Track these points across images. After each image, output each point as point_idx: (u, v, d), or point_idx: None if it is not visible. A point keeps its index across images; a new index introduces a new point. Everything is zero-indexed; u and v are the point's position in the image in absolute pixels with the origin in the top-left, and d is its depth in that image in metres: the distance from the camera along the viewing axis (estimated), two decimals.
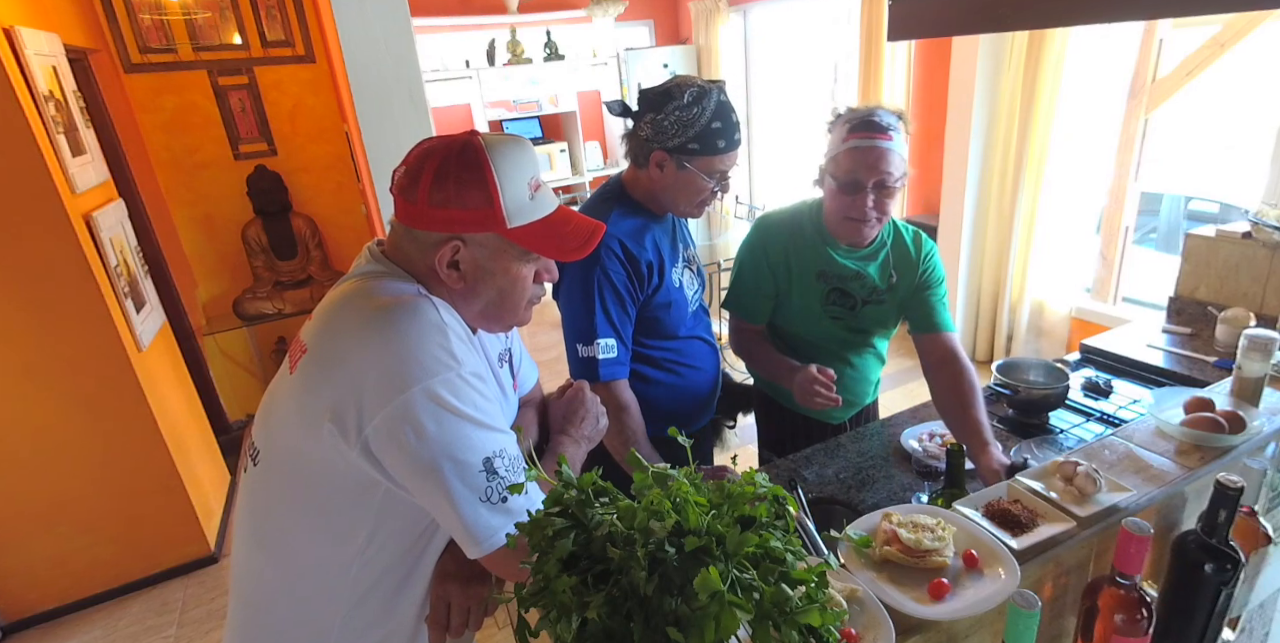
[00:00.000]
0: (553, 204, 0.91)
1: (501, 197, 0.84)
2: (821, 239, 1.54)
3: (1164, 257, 4.28)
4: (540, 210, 0.88)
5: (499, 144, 0.86)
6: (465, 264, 0.87)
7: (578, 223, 0.92)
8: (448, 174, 0.83)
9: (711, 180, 1.35)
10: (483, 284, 0.89)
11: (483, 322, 0.94)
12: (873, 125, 1.39)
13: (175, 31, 3.40)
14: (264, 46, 3.55)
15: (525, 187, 0.86)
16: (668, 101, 1.31)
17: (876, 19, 3.74)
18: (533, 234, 0.87)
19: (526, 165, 0.87)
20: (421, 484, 0.81)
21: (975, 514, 0.99)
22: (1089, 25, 2.68)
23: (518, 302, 0.93)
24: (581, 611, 0.61)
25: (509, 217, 0.85)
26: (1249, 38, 2.62)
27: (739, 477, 0.72)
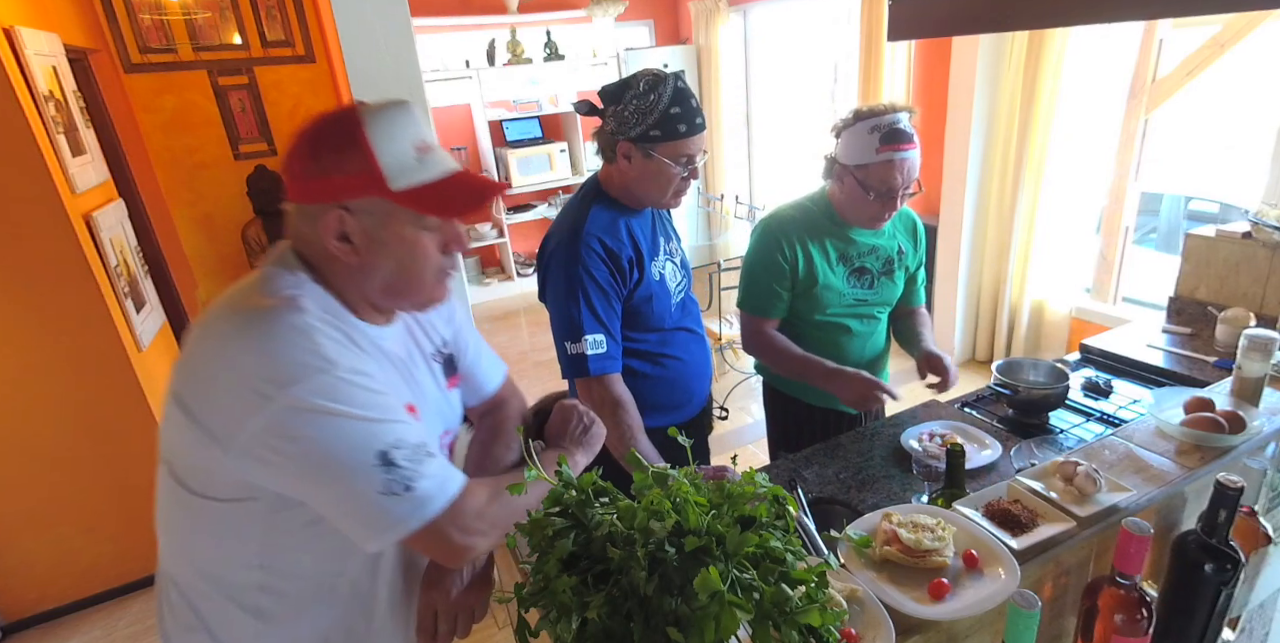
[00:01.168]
0: (446, 168, 0.86)
1: (379, 157, 0.80)
2: (836, 224, 1.62)
3: (1164, 257, 4.28)
4: (429, 172, 0.84)
5: (376, 108, 0.83)
6: (356, 235, 0.83)
7: (474, 184, 0.88)
8: (322, 142, 0.81)
9: (679, 166, 1.37)
10: (378, 256, 0.85)
11: (389, 299, 0.89)
12: (903, 135, 1.47)
13: (175, 31, 3.40)
14: (264, 46, 3.55)
15: (408, 147, 0.83)
16: (625, 92, 1.35)
17: (876, 19, 3.74)
18: (420, 196, 0.83)
19: (408, 126, 0.84)
20: (312, 490, 0.80)
21: (975, 514, 0.99)
22: (1089, 25, 2.68)
23: (420, 274, 0.88)
24: (581, 611, 0.61)
25: (391, 178, 0.81)
26: (1249, 38, 2.62)
27: (739, 477, 0.72)
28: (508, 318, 5.17)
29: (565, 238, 1.40)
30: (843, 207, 1.60)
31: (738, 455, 0.95)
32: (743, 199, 5.32)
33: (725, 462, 1.06)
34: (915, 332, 1.77)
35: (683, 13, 5.52)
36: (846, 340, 1.69)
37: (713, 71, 5.21)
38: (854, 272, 1.65)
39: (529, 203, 5.60)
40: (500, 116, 5.18)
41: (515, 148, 5.23)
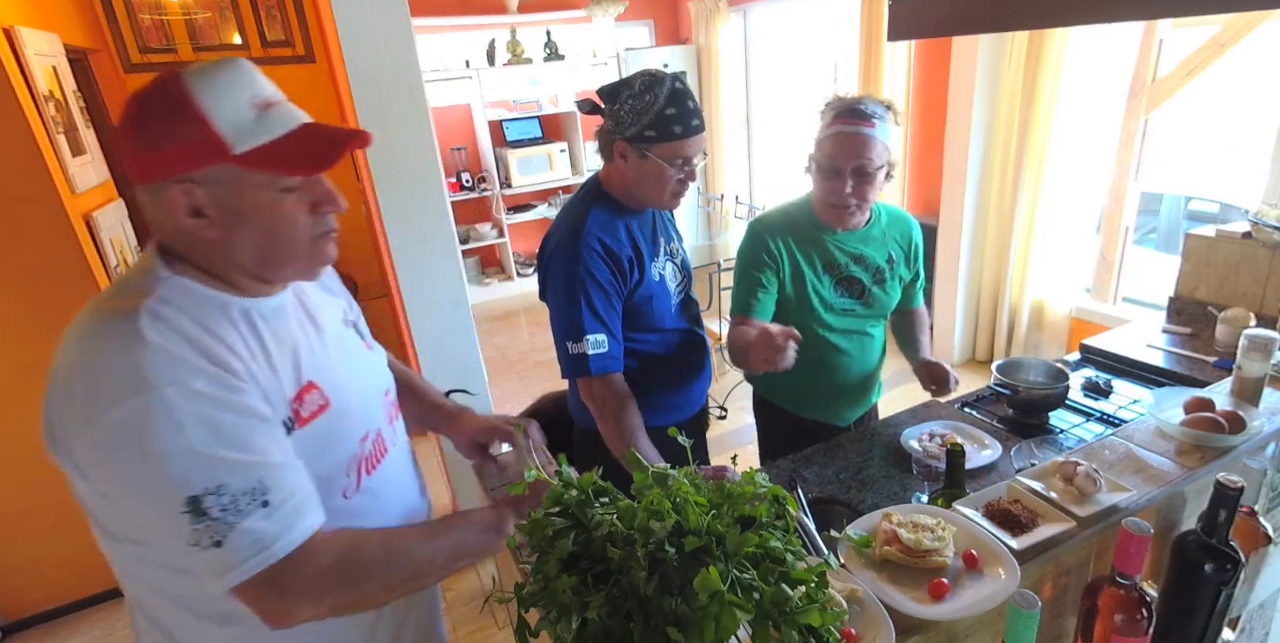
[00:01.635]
0: (292, 121, 0.79)
1: (215, 120, 0.73)
2: (818, 228, 1.56)
3: (1164, 257, 4.28)
4: (275, 129, 0.77)
5: (201, 69, 0.76)
6: (210, 208, 0.76)
7: (326, 134, 0.81)
8: (149, 113, 0.74)
9: (674, 168, 1.35)
10: (240, 227, 0.78)
11: (268, 269, 0.82)
12: (857, 112, 1.41)
13: (175, 31, 3.40)
14: (264, 46, 3.55)
15: (246, 105, 0.76)
16: (622, 91, 1.34)
17: (876, 19, 3.74)
18: (268, 155, 0.76)
19: (242, 83, 0.78)
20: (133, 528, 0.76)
21: (975, 514, 0.99)
22: (1089, 25, 2.68)
23: (294, 238, 0.81)
24: (581, 611, 0.61)
25: (232, 141, 0.74)
26: (1249, 38, 2.62)
27: (739, 477, 0.72)
28: (508, 318, 5.17)
29: (565, 238, 1.39)
30: (815, 201, 1.56)
31: (738, 455, 0.95)
32: (743, 199, 5.32)
33: (725, 462, 1.06)
34: (912, 336, 1.75)
35: (683, 13, 5.52)
36: (836, 358, 1.62)
37: (713, 71, 5.21)
38: (841, 281, 1.58)
39: (529, 203, 5.60)
40: (500, 116, 5.18)
41: (515, 148, 5.23)
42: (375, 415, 0.96)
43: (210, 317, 0.77)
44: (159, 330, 0.72)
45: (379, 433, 0.95)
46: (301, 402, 0.83)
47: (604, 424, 1.41)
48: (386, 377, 1.05)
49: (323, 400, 0.85)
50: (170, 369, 0.70)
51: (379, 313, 3.74)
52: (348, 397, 0.90)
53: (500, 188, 5.27)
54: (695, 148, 1.36)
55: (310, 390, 0.84)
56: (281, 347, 0.83)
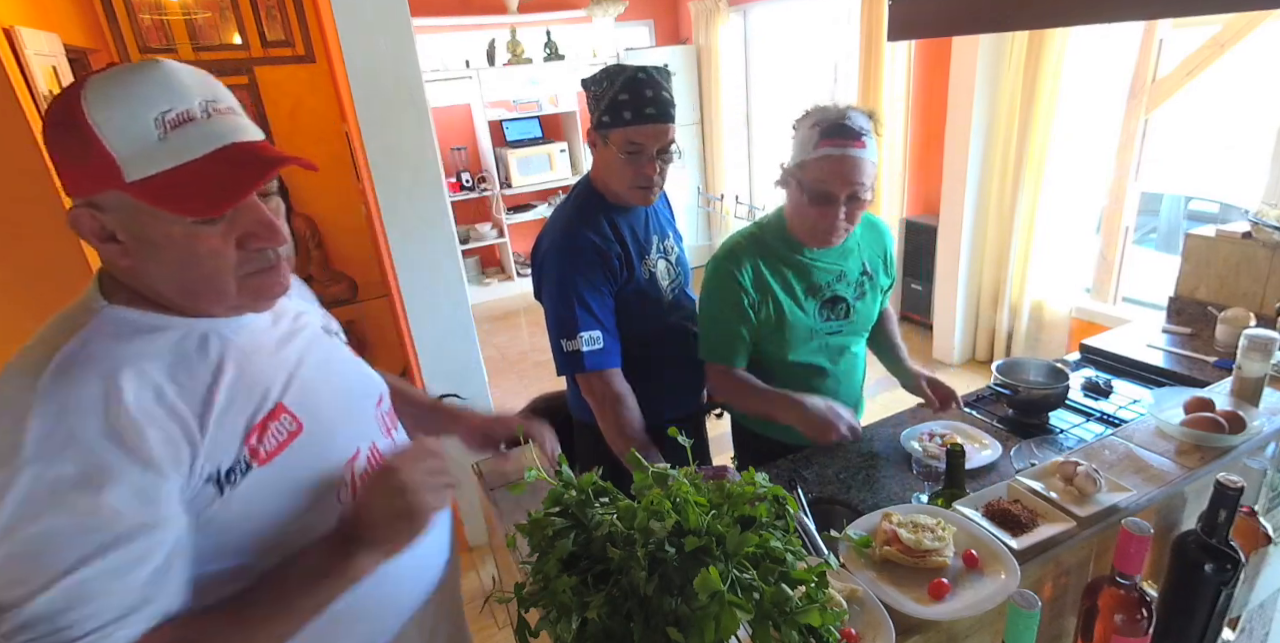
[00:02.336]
0: (210, 142, 0.67)
1: (107, 139, 0.63)
2: (792, 250, 1.44)
3: (1164, 257, 4.27)
4: (181, 153, 0.65)
5: (108, 76, 0.65)
6: (120, 233, 0.67)
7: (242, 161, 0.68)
8: (49, 123, 0.66)
9: (627, 155, 1.35)
10: (151, 259, 0.68)
11: (198, 305, 0.73)
12: (846, 131, 1.28)
13: (175, 31, 3.39)
14: (264, 46, 3.55)
15: (148, 123, 0.64)
16: (591, 84, 1.39)
17: (876, 19, 3.74)
18: (161, 188, 0.64)
19: (149, 94, 0.65)
20: None
21: (975, 514, 0.99)
22: (1089, 25, 2.68)
23: (214, 277, 0.70)
24: (581, 611, 0.61)
25: (125, 166, 0.63)
26: (1249, 38, 2.62)
27: (739, 477, 0.72)
28: (508, 318, 5.17)
29: (556, 237, 1.41)
30: (793, 222, 1.42)
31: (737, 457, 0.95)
32: (743, 199, 5.32)
33: (725, 462, 1.06)
34: (886, 337, 1.66)
35: (683, 13, 5.51)
36: (820, 382, 1.52)
37: (713, 71, 5.21)
38: (826, 303, 1.47)
39: (529, 203, 5.60)
40: (500, 116, 5.18)
41: (515, 148, 5.23)
42: (367, 429, 0.89)
43: (142, 356, 0.68)
44: (58, 393, 0.62)
45: (373, 447, 0.88)
46: (262, 435, 0.74)
47: (603, 420, 1.41)
48: (377, 385, 0.97)
49: (293, 425, 0.77)
50: (55, 445, 0.60)
51: (379, 313, 3.74)
52: (329, 414, 0.83)
53: (500, 188, 5.27)
54: (649, 137, 1.34)
55: (276, 417, 0.76)
56: (242, 372, 0.75)
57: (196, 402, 0.70)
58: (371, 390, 0.95)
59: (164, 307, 0.72)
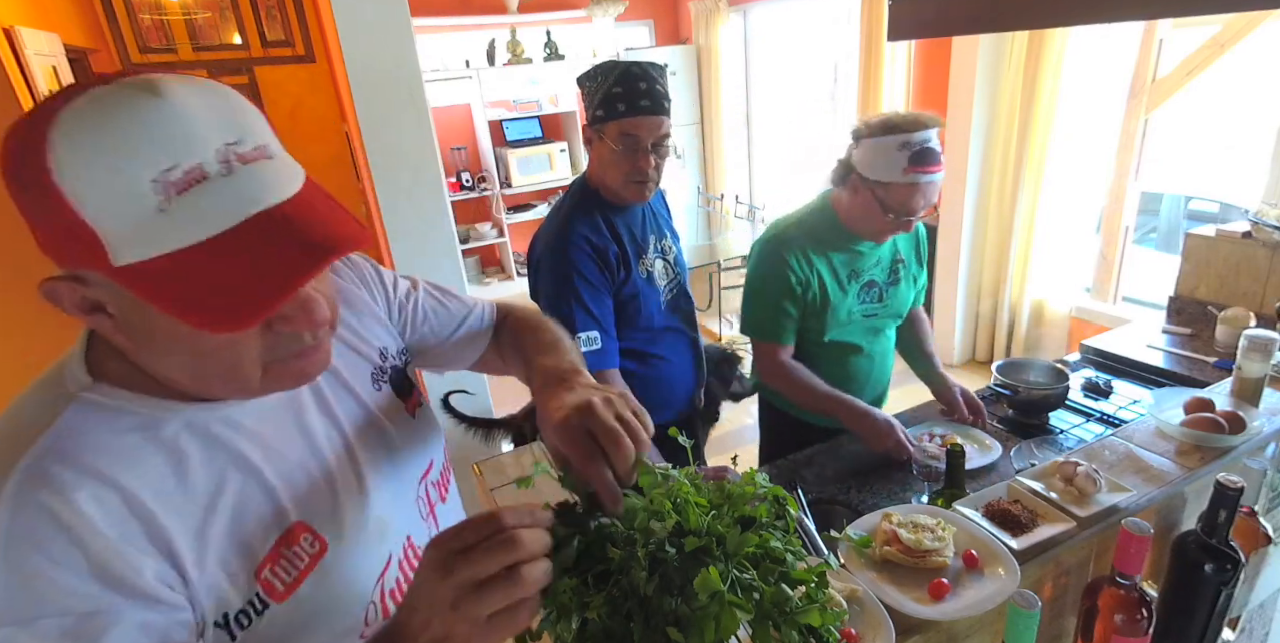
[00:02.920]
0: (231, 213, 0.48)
1: (82, 210, 0.45)
2: (841, 236, 1.52)
3: (1164, 257, 4.27)
4: (189, 229, 0.47)
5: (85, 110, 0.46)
6: (113, 307, 0.52)
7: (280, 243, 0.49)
8: (8, 172, 0.48)
9: (622, 148, 1.35)
10: (152, 343, 0.53)
11: (211, 392, 0.58)
12: (933, 156, 1.39)
13: (175, 31, 3.39)
14: (264, 46, 3.55)
15: (142, 188, 0.46)
16: (585, 79, 1.39)
17: (876, 19, 3.74)
18: (168, 278, 0.47)
19: (141, 146, 0.46)
20: None
21: (975, 514, 0.99)
22: (1089, 25, 2.68)
23: (235, 365, 0.54)
24: (581, 611, 0.61)
25: (114, 246, 0.46)
26: (1249, 38, 2.62)
27: (739, 477, 0.72)
28: None
29: (552, 237, 1.41)
30: (850, 217, 1.50)
31: (738, 455, 0.95)
32: (743, 199, 5.32)
33: (725, 462, 1.06)
34: (919, 341, 1.71)
35: (683, 13, 5.51)
36: (857, 360, 1.61)
37: (713, 71, 5.21)
38: (864, 287, 1.56)
39: (529, 203, 5.60)
40: (500, 116, 5.18)
41: (515, 148, 5.23)
42: (404, 521, 0.73)
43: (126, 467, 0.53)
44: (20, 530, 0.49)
45: (407, 543, 0.72)
46: (276, 565, 0.60)
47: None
48: (432, 445, 0.80)
49: (315, 547, 0.62)
50: (22, 604, 0.48)
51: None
52: (363, 518, 0.67)
53: (500, 188, 5.27)
54: (644, 129, 1.35)
55: (295, 540, 0.61)
56: (247, 483, 0.59)
57: (189, 532, 0.55)
58: (418, 462, 0.76)
59: (166, 384, 0.57)
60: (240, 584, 0.57)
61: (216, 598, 0.56)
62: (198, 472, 0.57)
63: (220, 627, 0.57)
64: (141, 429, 0.55)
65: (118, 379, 0.56)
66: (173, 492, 0.55)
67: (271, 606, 0.59)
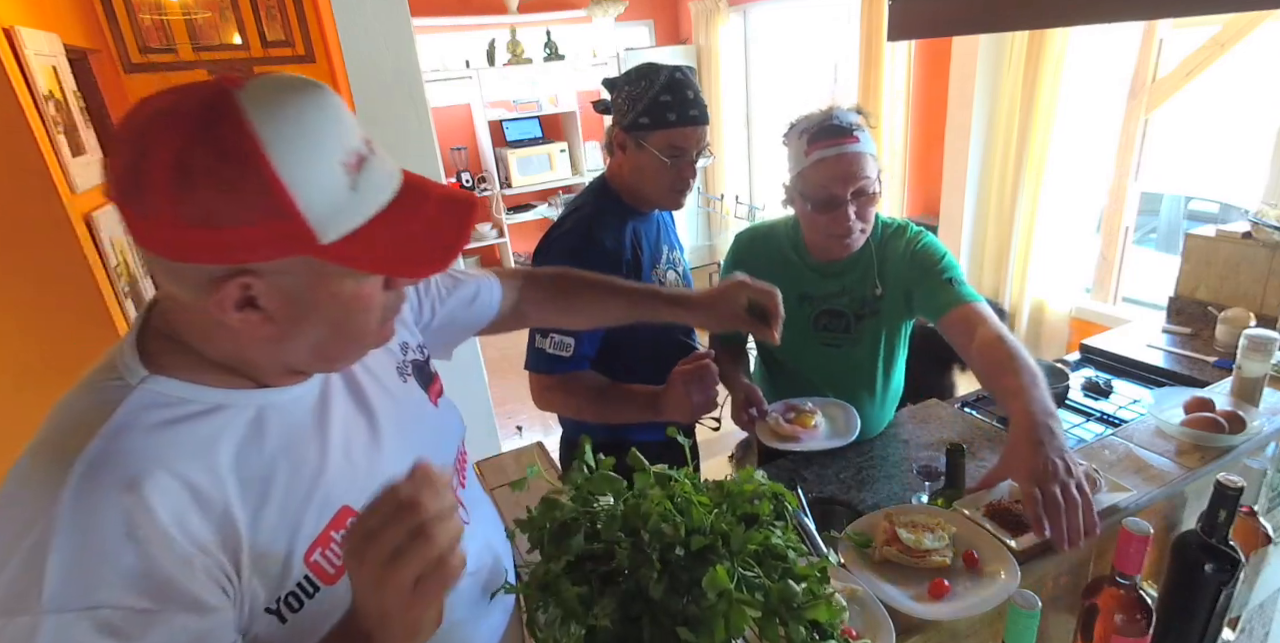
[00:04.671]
0: (389, 185, 0.57)
1: (299, 200, 0.51)
2: (800, 259, 1.44)
3: (1164, 257, 4.27)
4: (372, 202, 0.55)
5: (276, 102, 0.51)
6: (268, 300, 0.55)
7: (438, 207, 0.59)
8: (195, 168, 0.49)
9: (669, 159, 1.31)
10: (304, 322, 0.58)
11: (318, 364, 0.64)
12: (834, 130, 1.26)
13: (175, 31, 3.39)
14: (264, 46, 3.55)
15: (338, 171, 0.53)
16: (624, 83, 1.33)
17: (876, 19, 3.74)
18: (367, 244, 0.54)
19: (333, 131, 0.53)
20: None
21: (975, 514, 0.99)
22: (1089, 25, 2.68)
23: (363, 328, 0.62)
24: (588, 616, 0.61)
25: (319, 228, 0.52)
26: (1249, 38, 2.62)
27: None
28: None
29: (570, 235, 1.37)
30: (806, 234, 1.40)
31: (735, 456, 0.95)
32: (743, 199, 5.32)
33: (722, 464, 1.06)
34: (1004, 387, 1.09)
35: (683, 13, 5.51)
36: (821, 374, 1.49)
37: (713, 71, 5.21)
38: (821, 314, 1.44)
39: (529, 203, 5.60)
40: (500, 116, 5.18)
41: (515, 148, 5.23)
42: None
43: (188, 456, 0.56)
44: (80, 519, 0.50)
45: None
46: (329, 548, 0.62)
47: (586, 415, 1.41)
48: (456, 433, 0.85)
49: None
50: (80, 589, 0.50)
51: None
52: None
53: (500, 188, 5.27)
54: (692, 139, 1.32)
55: (342, 523, 0.64)
56: (300, 467, 0.63)
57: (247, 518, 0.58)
58: (446, 450, 0.81)
59: (227, 369, 0.61)
60: (292, 567, 0.59)
61: (268, 583, 0.58)
62: (252, 458, 0.59)
63: (271, 612, 0.59)
64: (199, 419, 0.58)
65: (173, 371, 0.59)
66: (231, 479, 0.57)
67: (322, 589, 0.61)
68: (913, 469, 1.42)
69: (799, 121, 1.33)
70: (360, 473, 0.67)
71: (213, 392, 0.60)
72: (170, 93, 0.53)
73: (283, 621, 0.60)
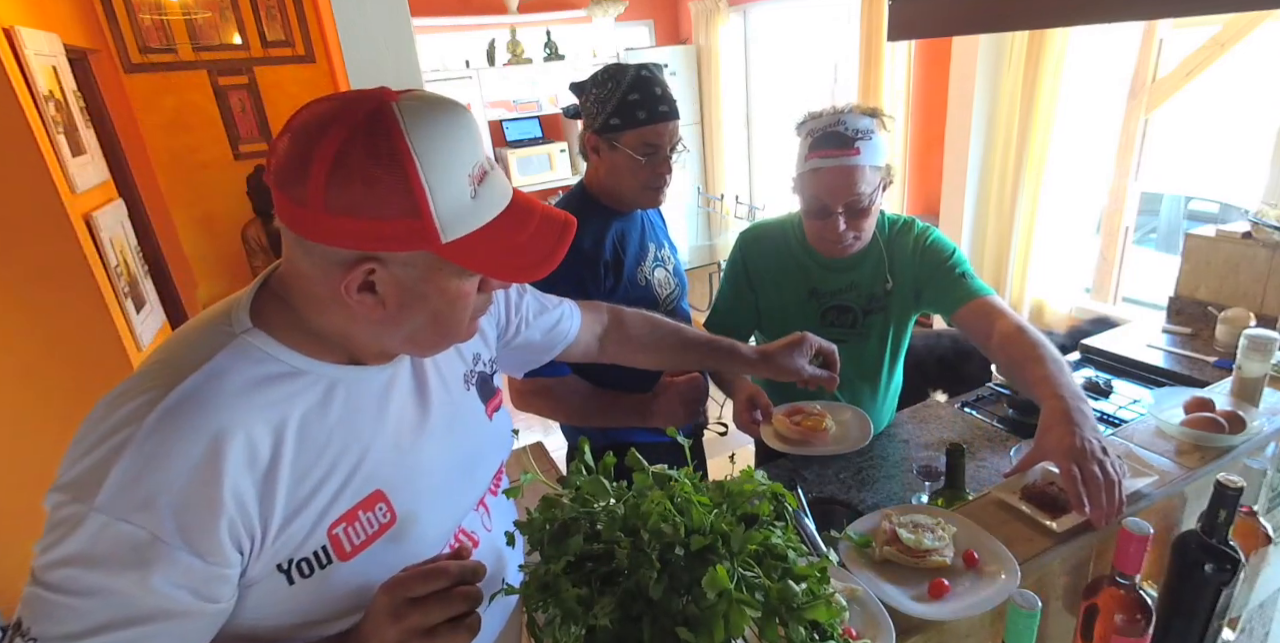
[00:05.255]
0: (503, 199, 0.66)
1: (433, 202, 0.59)
2: (808, 254, 1.44)
3: (1164, 257, 4.27)
4: (487, 211, 0.64)
5: (427, 117, 0.60)
6: (385, 286, 0.63)
7: (540, 223, 0.68)
8: (351, 166, 0.57)
9: (644, 157, 1.31)
10: (409, 309, 0.66)
11: (410, 348, 0.72)
12: (836, 139, 1.24)
13: (175, 31, 3.39)
14: (264, 46, 3.55)
15: (465, 181, 0.61)
16: (590, 86, 1.33)
17: (876, 19, 3.74)
18: (478, 247, 0.62)
19: (467, 147, 0.62)
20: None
21: (1012, 499, 0.99)
22: (1089, 25, 2.68)
23: (457, 322, 0.70)
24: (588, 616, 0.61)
25: (443, 228, 0.60)
26: (1249, 38, 2.62)
27: None
28: None
29: None
30: (809, 235, 1.41)
31: (735, 455, 0.95)
32: (743, 199, 5.32)
33: (723, 463, 1.06)
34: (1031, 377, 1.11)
35: (683, 13, 5.51)
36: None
37: (713, 71, 5.21)
38: (829, 309, 1.44)
39: None
40: (500, 116, 5.18)
41: (515, 148, 5.23)
42: (466, 509, 0.82)
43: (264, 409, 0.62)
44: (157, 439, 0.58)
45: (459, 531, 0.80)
46: (352, 525, 0.67)
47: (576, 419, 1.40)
48: (502, 447, 0.91)
49: (386, 517, 0.70)
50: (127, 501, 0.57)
51: None
52: (433, 500, 0.75)
53: None
54: (665, 135, 1.31)
55: (371, 506, 0.69)
56: (350, 443, 0.68)
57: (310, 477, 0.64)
58: (494, 463, 0.87)
59: (319, 340, 0.68)
60: (314, 535, 0.64)
61: (288, 543, 0.63)
62: (313, 426, 0.65)
63: (282, 571, 0.64)
64: (279, 380, 0.64)
65: (274, 330, 0.66)
66: (290, 442, 0.63)
67: (335, 562, 0.66)
68: (913, 469, 1.42)
69: (808, 119, 1.33)
70: (401, 463, 0.72)
71: (298, 357, 0.66)
72: (337, 98, 0.62)
73: (290, 582, 0.64)
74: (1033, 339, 1.17)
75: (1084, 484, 0.92)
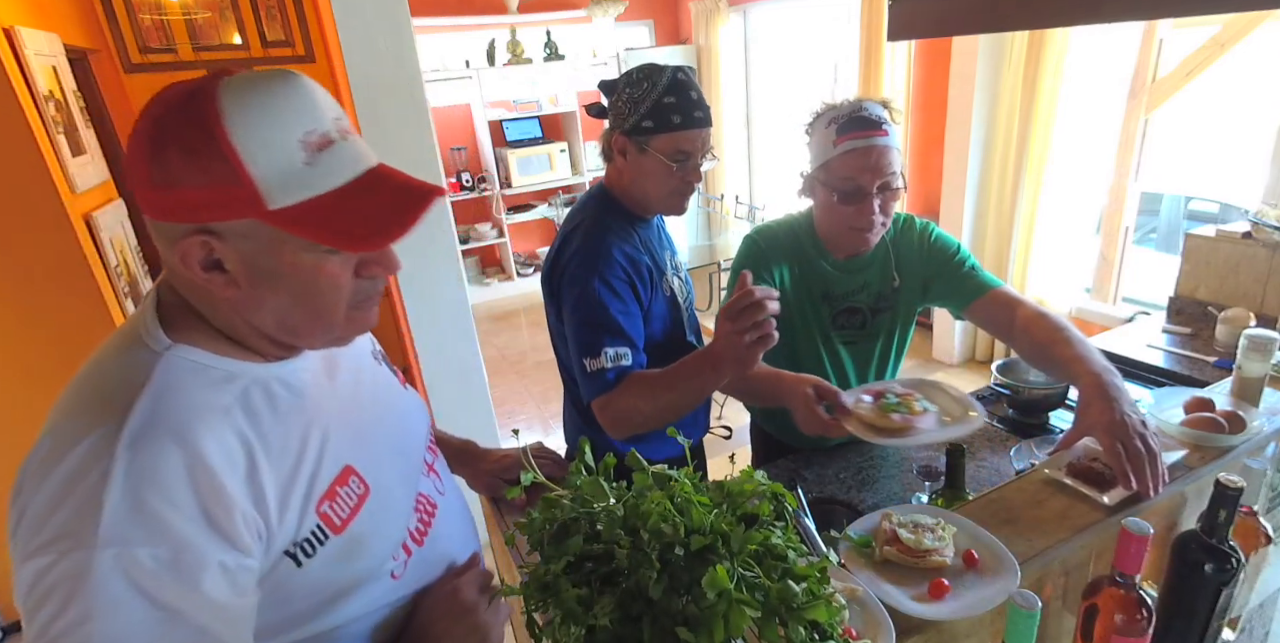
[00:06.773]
0: (353, 166, 0.63)
1: (249, 164, 0.57)
2: (821, 257, 1.42)
3: (1164, 257, 4.27)
4: (327, 179, 0.61)
5: (245, 86, 0.59)
6: (231, 263, 0.61)
7: (392, 191, 0.64)
8: (167, 139, 0.57)
9: (674, 163, 1.26)
10: (265, 288, 0.63)
11: (289, 337, 0.68)
12: (864, 122, 1.25)
13: (175, 31, 3.39)
14: (264, 46, 3.55)
15: (294, 145, 0.59)
16: (621, 83, 1.27)
17: (876, 19, 3.74)
18: (311, 217, 0.60)
19: (295, 112, 0.59)
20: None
21: (1059, 475, 1.01)
22: (1089, 25, 2.68)
23: (329, 307, 0.66)
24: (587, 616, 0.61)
25: (268, 193, 0.58)
26: (1249, 38, 2.62)
27: None
28: (508, 318, 5.17)
29: (579, 247, 1.27)
30: (823, 227, 1.39)
31: (735, 455, 0.95)
32: (743, 199, 5.33)
33: (723, 463, 1.06)
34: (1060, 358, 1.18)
35: (683, 13, 5.52)
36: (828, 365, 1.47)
37: (713, 72, 5.22)
38: (841, 312, 1.43)
39: (529, 203, 5.60)
40: (500, 116, 5.18)
41: (515, 148, 5.23)
42: (419, 473, 0.84)
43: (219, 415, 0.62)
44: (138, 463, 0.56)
45: (419, 495, 0.83)
46: (335, 501, 0.69)
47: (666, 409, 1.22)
48: (425, 417, 0.92)
49: (361, 488, 0.72)
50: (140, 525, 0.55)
51: (379, 313, 3.74)
52: (389, 471, 0.77)
53: (500, 188, 5.28)
54: (697, 143, 1.27)
55: (345, 481, 0.71)
56: (309, 430, 0.69)
57: (285, 469, 0.65)
58: (423, 427, 0.90)
59: (233, 342, 0.67)
60: (306, 516, 0.66)
61: (289, 530, 0.65)
62: (269, 421, 0.66)
63: (289, 556, 0.66)
64: (222, 384, 0.64)
65: (193, 340, 0.65)
66: (258, 439, 0.64)
67: (331, 536, 0.68)
68: (913, 469, 1.42)
69: (826, 111, 1.31)
70: (356, 437, 0.75)
71: (227, 361, 0.66)
72: (173, 85, 0.61)
73: (298, 564, 0.66)
74: (1056, 323, 1.23)
75: (1128, 460, 0.96)
